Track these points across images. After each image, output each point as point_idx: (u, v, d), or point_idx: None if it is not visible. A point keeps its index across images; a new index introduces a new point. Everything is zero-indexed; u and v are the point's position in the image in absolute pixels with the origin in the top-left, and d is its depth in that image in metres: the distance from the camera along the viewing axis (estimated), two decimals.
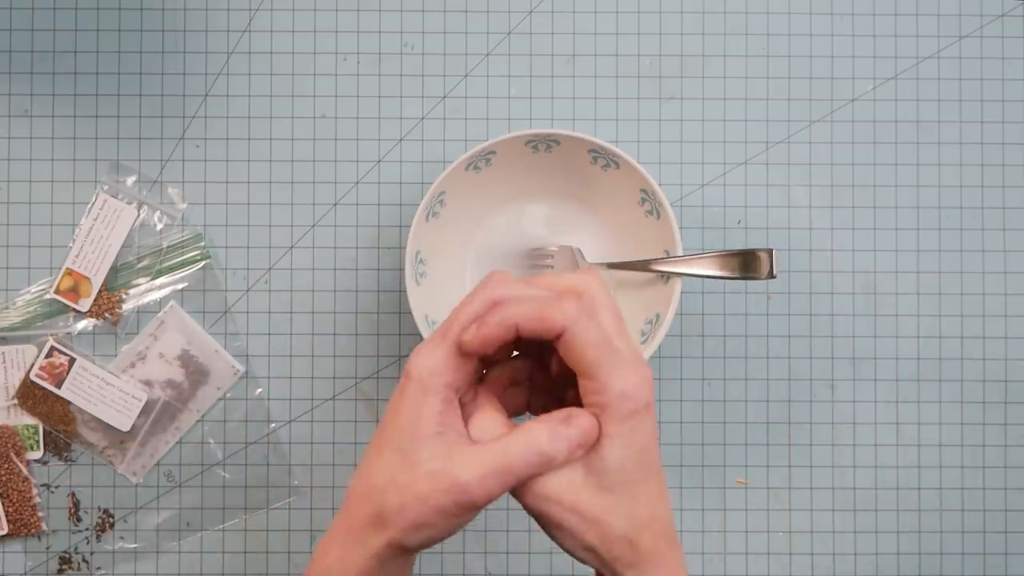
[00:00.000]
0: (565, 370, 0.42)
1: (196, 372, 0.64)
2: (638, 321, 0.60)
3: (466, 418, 0.42)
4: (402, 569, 0.43)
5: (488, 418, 0.41)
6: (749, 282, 0.64)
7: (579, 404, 0.41)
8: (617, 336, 0.40)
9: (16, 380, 0.63)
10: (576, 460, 0.39)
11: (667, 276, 0.59)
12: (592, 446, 0.40)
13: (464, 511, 0.39)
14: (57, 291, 0.63)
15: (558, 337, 0.39)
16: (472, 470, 0.38)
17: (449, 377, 0.40)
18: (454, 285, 0.63)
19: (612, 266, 0.61)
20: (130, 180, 0.64)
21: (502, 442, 0.39)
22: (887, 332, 0.64)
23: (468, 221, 0.62)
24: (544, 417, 0.40)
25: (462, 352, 0.40)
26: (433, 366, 0.40)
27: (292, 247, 0.64)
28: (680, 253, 0.58)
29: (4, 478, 0.63)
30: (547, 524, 0.41)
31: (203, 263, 0.64)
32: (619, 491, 0.40)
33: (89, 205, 0.63)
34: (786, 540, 0.64)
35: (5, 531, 0.63)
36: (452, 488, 0.38)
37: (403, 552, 0.41)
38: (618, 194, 0.60)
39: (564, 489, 0.40)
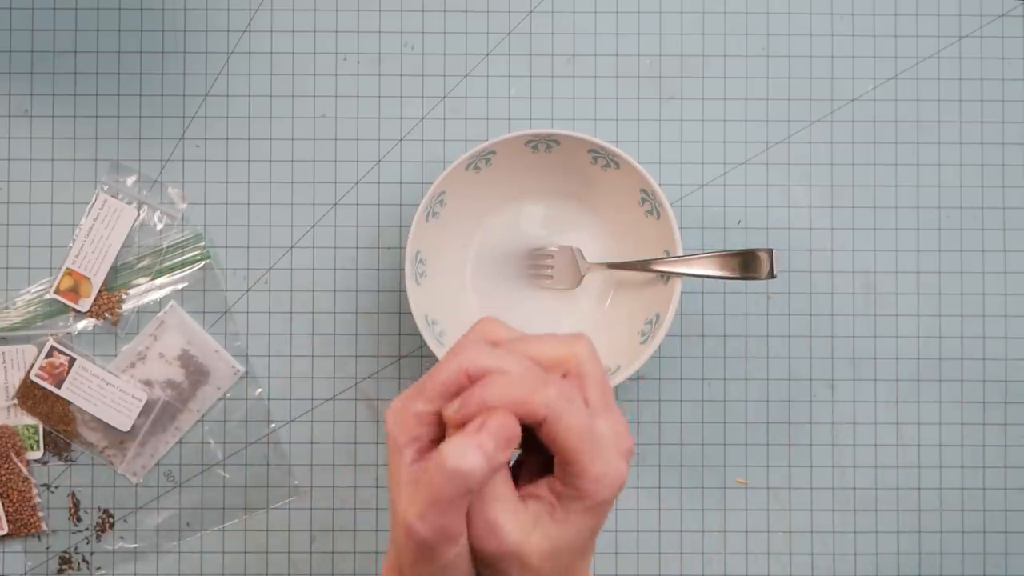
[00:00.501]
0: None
1: (196, 372, 0.64)
2: (638, 321, 0.60)
3: None
4: None
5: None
6: (749, 282, 0.64)
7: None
8: (604, 413, 0.38)
9: (16, 380, 0.63)
10: (506, 461, 0.37)
11: (667, 276, 0.59)
12: (553, 513, 0.38)
13: (427, 553, 0.37)
14: (57, 291, 0.63)
15: (538, 424, 0.37)
16: (412, 509, 0.37)
17: (419, 431, 0.39)
18: (454, 285, 0.63)
19: (612, 266, 0.61)
20: (130, 180, 0.64)
21: (426, 472, 0.37)
22: (887, 332, 0.64)
23: (468, 221, 0.62)
24: (462, 430, 0.37)
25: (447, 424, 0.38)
26: (404, 421, 0.39)
27: (292, 247, 0.64)
28: (680, 253, 0.58)
29: (4, 478, 0.63)
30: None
31: (203, 263, 0.64)
32: (554, 569, 0.38)
33: (89, 205, 0.63)
34: (786, 540, 0.64)
35: (5, 531, 0.63)
36: (407, 532, 0.37)
37: None
38: (618, 194, 0.60)
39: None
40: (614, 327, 0.62)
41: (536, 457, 0.40)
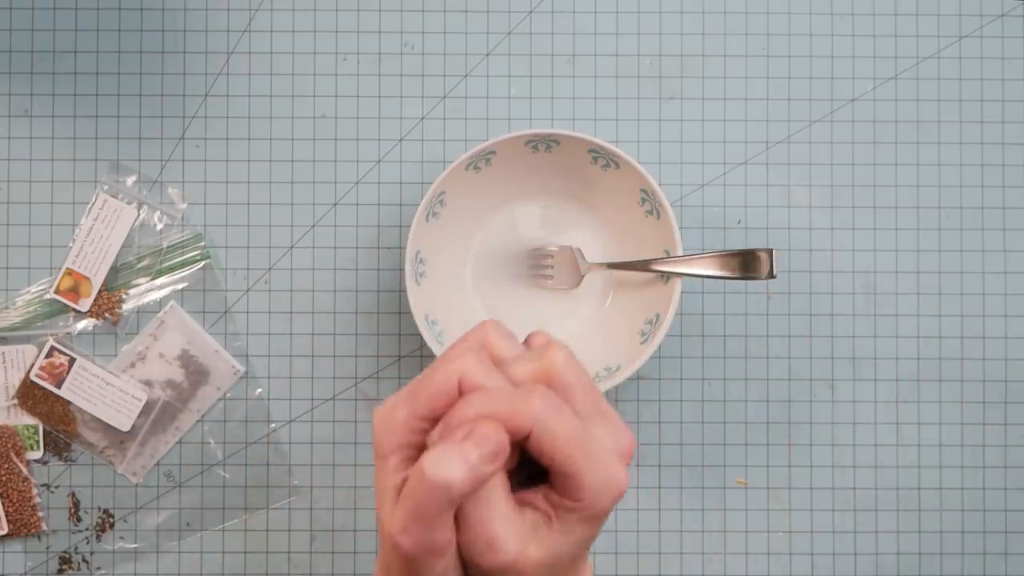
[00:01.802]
0: None
1: (196, 372, 0.64)
2: (638, 321, 0.60)
3: None
4: None
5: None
6: (749, 282, 0.64)
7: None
8: (595, 417, 0.37)
9: (16, 380, 0.63)
10: (492, 473, 0.36)
11: (667, 276, 0.59)
12: (549, 524, 0.37)
13: (413, 565, 0.36)
14: (57, 291, 0.63)
15: (525, 438, 0.36)
16: (396, 521, 0.36)
17: (406, 438, 0.38)
18: (454, 285, 0.63)
19: (612, 266, 0.61)
20: (130, 180, 0.64)
21: (409, 482, 0.36)
22: (887, 332, 0.64)
23: (468, 221, 0.62)
24: (444, 438, 0.36)
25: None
26: (390, 426, 0.38)
27: (292, 247, 0.64)
28: (680, 253, 0.58)
29: (4, 478, 0.63)
30: None
31: (203, 263, 0.64)
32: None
33: (89, 205, 0.63)
34: (786, 540, 0.64)
35: (5, 531, 0.63)
36: (392, 545, 0.36)
37: None
38: (618, 194, 0.60)
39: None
40: (614, 327, 0.62)
41: (531, 466, 0.38)
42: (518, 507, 0.37)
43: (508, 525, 0.36)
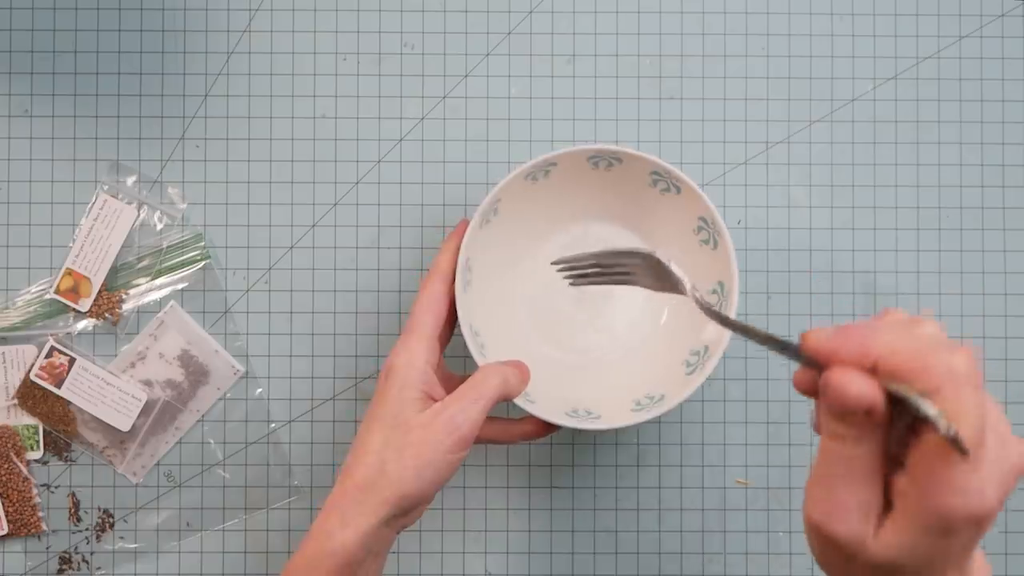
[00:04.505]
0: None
1: (196, 372, 0.64)
2: (683, 351, 0.58)
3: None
4: (386, 541, 0.50)
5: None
6: (749, 282, 0.64)
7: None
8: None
9: (16, 380, 0.63)
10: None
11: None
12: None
13: (456, 442, 0.49)
14: (57, 291, 0.63)
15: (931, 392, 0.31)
16: (454, 405, 0.50)
17: (426, 355, 0.52)
18: (499, 296, 0.60)
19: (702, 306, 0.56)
20: (130, 180, 0.64)
21: (471, 381, 0.51)
22: None
23: (519, 232, 0.59)
24: (492, 363, 0.53)
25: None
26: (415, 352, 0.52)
27: (292, 247, 0.64)
28: (735, 286, 0.55)
29: (4, 478, 0.63)
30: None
31: (203, 263, 0.64)
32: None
33: (89, 205, 0.63)
34: (786, 540, 0.64)
35: (5, 531, 0.63)
36: (445, 421, 0.49)
37: (398, 510, 0.48)
38: (674, 221, 0.58)
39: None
40: (659, 353, 0.60)
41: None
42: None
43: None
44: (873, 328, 0.32)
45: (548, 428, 0.56)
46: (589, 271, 0.53)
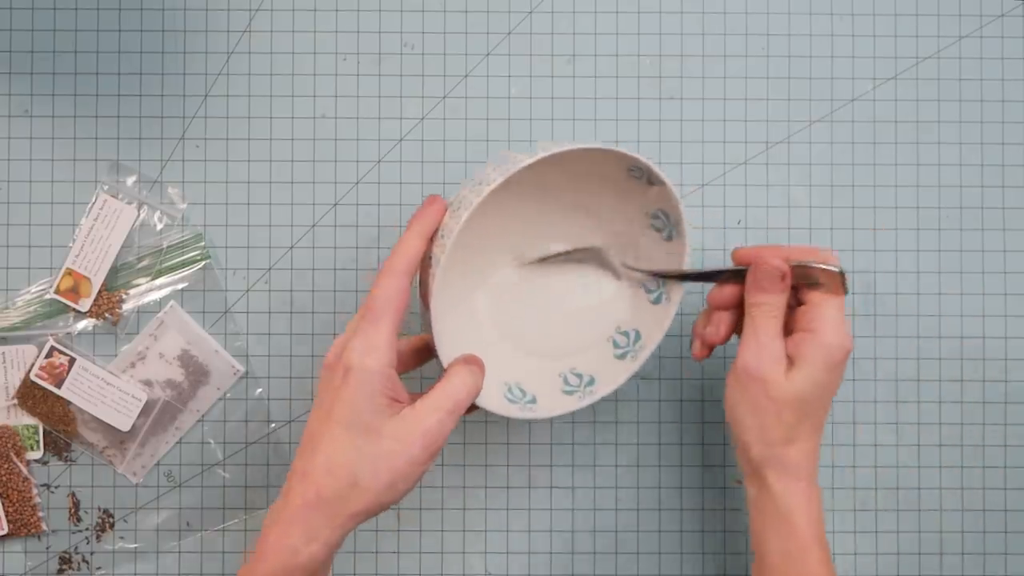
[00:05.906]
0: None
1: (196, 372, 0.64)
2: (609, 327, 0.59)
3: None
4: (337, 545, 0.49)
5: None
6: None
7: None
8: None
9: (16, 380, 0.63)
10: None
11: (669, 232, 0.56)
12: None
13: (431, 455, 0.47)
14: (57, 291, 0.63)
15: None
16: (431, 417, 0.47)
17: (390, 355, 0.48)
18: (457, 290, 0.60)
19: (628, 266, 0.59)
20: (130, 180, 0.64)
21: (444, 389, 0.49)
22: (887, 332, 0.64)
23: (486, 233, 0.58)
24: (454, 363, 0.51)
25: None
26: (373, 344, 0.48)
27: (292, 247, 0.64)
28: (685, 230, 0.55)
29: (4, 478, 0.63)
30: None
31: (203, 263, 0.64)
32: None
33: (89, 205, 0.63)
34: None
35: (5, 531, 0.63)
36: (422, 434, 0.47)
37: (367, 518, 0.48)
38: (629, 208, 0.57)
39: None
40: (585, 322, 0.60)
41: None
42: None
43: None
44: (779, 244, 0.57)
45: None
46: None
